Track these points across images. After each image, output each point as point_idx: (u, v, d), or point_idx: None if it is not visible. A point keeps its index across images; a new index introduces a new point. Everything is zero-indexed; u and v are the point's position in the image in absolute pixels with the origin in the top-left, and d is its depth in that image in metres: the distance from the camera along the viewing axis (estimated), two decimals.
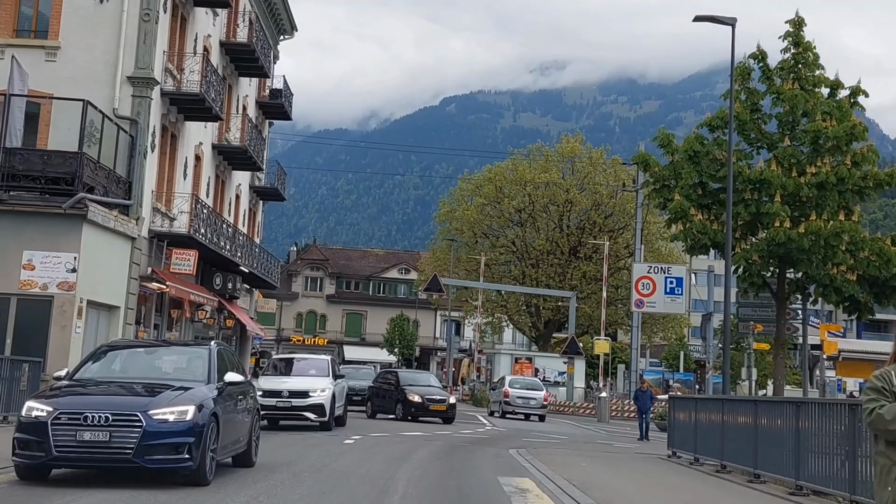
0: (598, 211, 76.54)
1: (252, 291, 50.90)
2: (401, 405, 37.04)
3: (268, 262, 49.34)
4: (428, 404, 36.91)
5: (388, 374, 41.22)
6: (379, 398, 38.79)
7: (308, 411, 27.41)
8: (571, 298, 64.28)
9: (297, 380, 28.52)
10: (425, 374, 43.69)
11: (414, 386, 37.74)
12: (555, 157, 78.62)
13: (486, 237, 79.15)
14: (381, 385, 39.59)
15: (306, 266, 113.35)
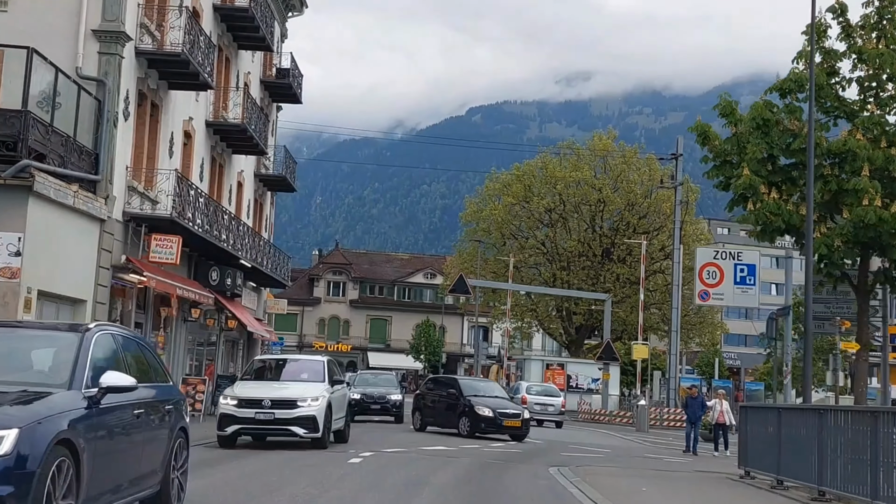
0: (632, 211, 71.05)
1: (260, 291, 45.67)
2: (467, 419, 31.52)
3: (277, 259, 44.12)
4: (501, 419, 31.33)
5: (446, 383, 35.29)
6: (432, 409, 33.70)
7: (295, 425, 21.89)
8: (606, 301, 58.81)
9: (283, 386, 23.15)
10: (489, 382, 37.72)
11: (481, 397, 32.16)
12: (586, 155, 73.13)
13: (514, 238, 73.75)
14: (436, 395, 34.05)
15: (328, 270, 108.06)
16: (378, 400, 38.18)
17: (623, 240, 70.91)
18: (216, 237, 32.33)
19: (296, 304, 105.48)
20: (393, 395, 38.58)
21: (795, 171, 27.63)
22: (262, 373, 24.85)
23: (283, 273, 44.52)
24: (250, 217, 42.70)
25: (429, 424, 33.53)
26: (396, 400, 38.42)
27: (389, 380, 41.47)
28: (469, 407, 31.42)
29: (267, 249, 42.87)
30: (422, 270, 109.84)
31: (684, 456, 31.05)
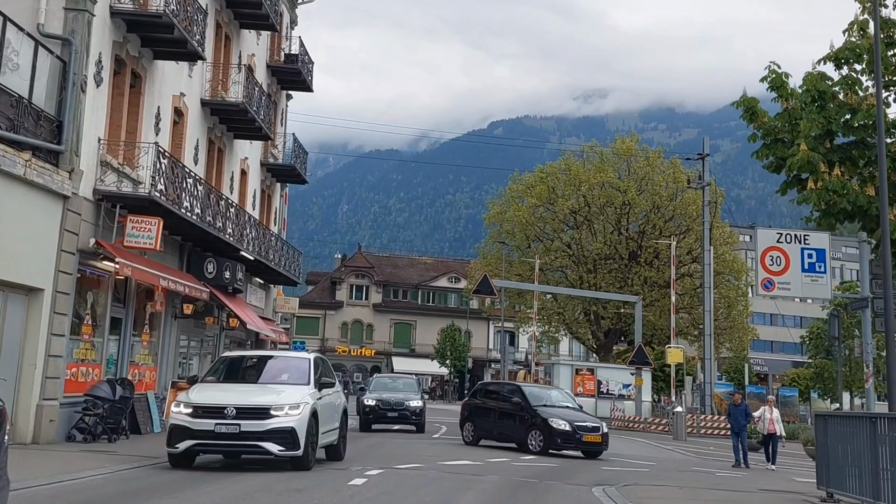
0: (657, 214, 66.82)
1: (269, 288, 41.73)
2: (538, 434, 26.98)
3: (287, 255, 40.17)
4: (580, 434, 26.75)
5: (506, 390, 30.29)
6: (488, 421, 29.20)
7: (268, 440, 16.78)
8: (637, 303, 54.62)
9: (254, 390, 18.03)
10: (556, 390, 32.79)
11: (552, 407, 27.77)
12: (610, 157, 68.98)
13: (539, 240, 69.62)
14: (492, 404, 29.39)
15: (351, 273, 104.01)
16: (395, 406, 33.88)
17: (651, 241, 66.78)
18: (211, 224, 28.35)
19: (318, 307, 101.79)
20: (413, 402, 34.25)
21: (856, 150, 23.38)
22: (233, 373, 19.24)
23: (293, 270, 40.56)
24: (256, 208, 38.76)
25: (483, 437, 29.08)
26: (417, 407, 34.14)
27: (409, 384, 37.06)
28: (541, 419, 26.89)
29: (276, 244, 38.95)
30: (446, 274, 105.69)
31: (736, 470, 27.15)
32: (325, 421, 18.43)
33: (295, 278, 41.24)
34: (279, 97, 41.29)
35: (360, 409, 34.41)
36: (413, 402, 34.32)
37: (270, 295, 42.12)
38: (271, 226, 41.25)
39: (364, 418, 33.96)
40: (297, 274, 41.40)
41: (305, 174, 42.13)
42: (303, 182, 42.98)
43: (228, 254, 31.49)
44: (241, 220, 32.59)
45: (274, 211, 42.29)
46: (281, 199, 43.23)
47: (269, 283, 41.59)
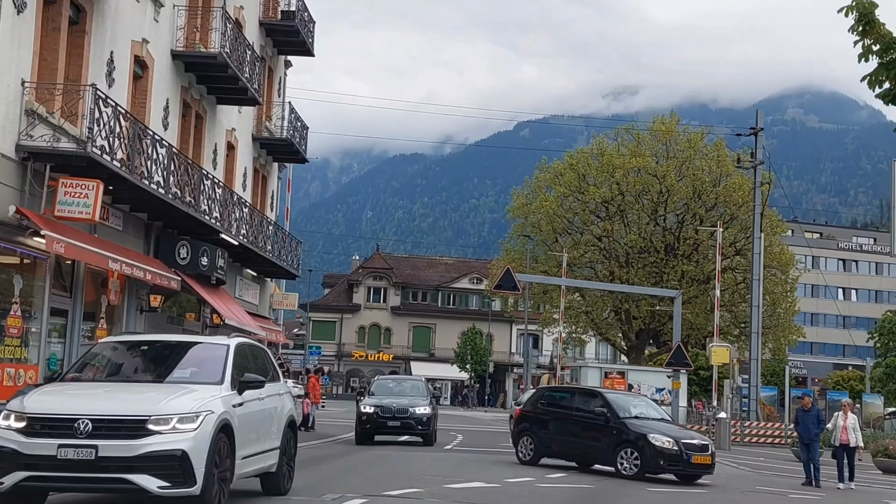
0: (698, 201, 61.79)
1: (264, 282, 37.05)
2: (632, 452, 21.49)
3: (285, 244, 35.49)
4: (688, 454, 21.25)
5: (583, 396, 24.53)
6: (556, 435, 23.66)
7: (141, 471, 10.75)
8: (676, 298, 49.59)
9: (129, 393, 11.88)
10: (640, 398, 26.96)
11: (645, 420, 22.48)
12: (647, 140, 63.98)
13: (567, 233, 64.73)
14: (563, 413, 23.83)
15: (368, 275, 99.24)
16: (397, 414, 28.33)
17: (690, 232, 61.81)
18: (182, 200, 23.68)
19: (334, 311, 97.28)
20: (419, 408, 28.69)
21: None
22: (113, 368, 12.95)
23: (292, 261, 35.87)
24: (247, 189, 34.10)
25: (548, 454, 23.82)
26: (423, 414, 28.59)
27: (416, 387, 31.02)
28: (636, 434, 21.61)
29: (271, 231, 34.31)
30: (467, 275, 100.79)
31: (808, 489, 22.60)
32: (249, 439, 12.68)
33: (294, 270, 36.56)
34: (276, 63, 36.59)
35: (357, 417, 29.22)
36: (419, 409, 28.76)
37: (266, 289, 37.45)
38: (266, 210, 36.59)
39: (361, 428, 28.72)
40: (296, 266, 36.71)
41: (305, 151, 37.38)
42: (303, 161, 38.25)
43: (207, 238, 26.83)
44: (226, 200, 27.93)
45: (270, 194, 37.62)
46: (280, 182, 38.54)
47: (265, 277, 36.93)
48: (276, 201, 38.59)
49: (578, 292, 64.96)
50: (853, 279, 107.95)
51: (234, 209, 28.93)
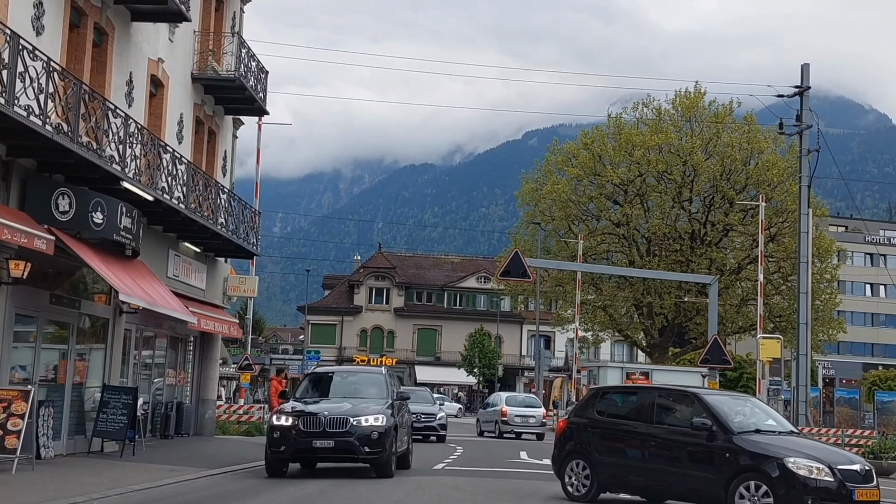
0: (727, 182, 53.66)
1: (215, 263, 29.05)
2: (761, 487, 13.37)
3: (238, 216, 27.49)
4: (848, 489, 13.17)
5: (668, 400, 15.80)
6: (628, 457, 15.42)
7: None
8: (712, 286, 41.54)
9: None
10: (748, 400, 16.35)
11: (768, 435, 14.36)
12: (670, 116, 55.80)
13: (580, 220, 56.64)
14: (639, 426, 15.38)
15: (370, 275, 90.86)
16: (328, 429, 17.91)
17: (719, 216, 53.70)
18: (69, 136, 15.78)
19: (334, 313, 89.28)
20: (365, 418, 17.93)
21: None
22: None
23: (245, 236, 27.83)
24: (186, 142, 26.09)
25: (615, 488, 15.85)
26: (372, 429, 17.94)
27: (372, 380, 20.32)
28: (766, 459, 13.52)
29: (224, 201, 26.42)
30: (474, 274, 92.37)
31: None
32: None
33: (251, 248, 28.52)
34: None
35: (267, 434, 19.37)
36: (367, 420, 18.19)
37: (217, 272, 29.43)
38: (216, 174, 28.58)
39: (272, 453, 18.45)
40: (253, 243, 28.67)
41: (265, 100, 29.30)
42: (261, 112, 30.04)
43: (106, 188, 18.90)
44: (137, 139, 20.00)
45: (222, 155, 29.59)
46: (234, 141, 30.52)
47: (216, 256, 28.95)
48: (231, 165, 30.58)
49: (594, 286, 56.90)
50: (881, 274, 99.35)
51: (159, 160, 21.03)
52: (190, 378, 29.01)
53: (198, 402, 29.22)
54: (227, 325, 28.55)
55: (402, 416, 20.05)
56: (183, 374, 28.71)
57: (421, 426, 31.51)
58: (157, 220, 23.43)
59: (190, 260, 26.52)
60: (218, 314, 28.16)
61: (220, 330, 27.77)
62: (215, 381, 29.96)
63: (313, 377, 20.67)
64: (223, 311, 29.39)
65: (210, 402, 29.70)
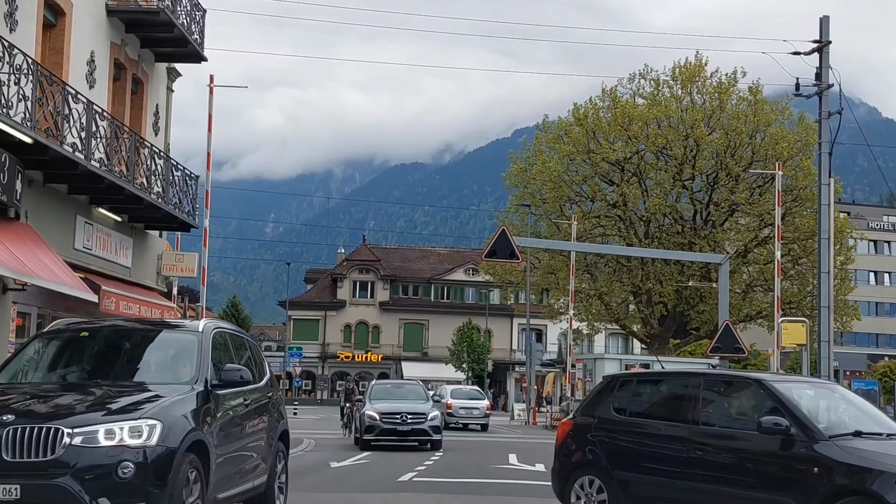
0: (732, 157, 48.90)
1: (145, 236, 24.13)
2: None
3: (172, 181, 22.64)
4: None
5: (717, 389, 10.76)
6: (670, 476, 10.07)
7: None
8: (722, 265, 36.81)
9: None
10: (837, 389, 11.09)
11: (872, 440, 9.17)
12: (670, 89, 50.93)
13: (574, 202, 51.84)
14: (675, 427, 10.25)
15: (354, 268, 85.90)
16: None
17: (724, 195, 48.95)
18: None
19: (317, 308, 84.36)
20: None
21: None
22: None
23: (178, 202, 22.95)
24: (103, 92, 21.25)
25: None
26: None
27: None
28: (875, 477, 8.49)
29: (160, 166, 21.62)
30: (462, 266, 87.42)
31: None
32: None
33: (187, 219, 23.64)
34: None
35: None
36: None
37: (149, 247, 24.51)
38: (145, 132, 23.68)
39: None
40: (189, 212, 23.79)
41: (202, 45, 24.40)
42: (198, 58, 25.03)
43: None
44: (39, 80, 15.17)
45: (153, 110, 24.68)
46: (170, 95, 25.62)
47: (147, 229, 24.07)
48: (167, 123, 25.70)
49: (589, 273, 52.11)
50: (885, 261, 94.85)
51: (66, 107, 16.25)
52: None
53: None
54: (161, 309, 23.66)
55: None
56: None
57: (406, 430, 25.01)
58: (58, 178, 18.63)
59: (108, 230, 21.64)
60: (149, 297, 23.30)
61: (149, 315, 22.86)
62: None
63: None
64: (156, 294, 24.49)
65: None
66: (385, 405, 25.37)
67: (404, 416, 24.93)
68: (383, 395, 26.82)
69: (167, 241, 25.95)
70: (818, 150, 36.16)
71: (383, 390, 28.11)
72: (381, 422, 24.77)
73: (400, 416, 24.86)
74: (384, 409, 25.02)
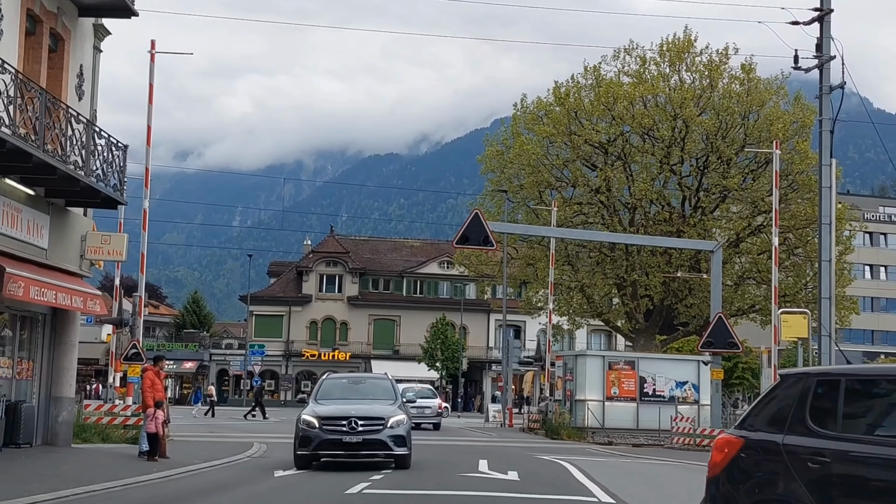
0: (723, 139, 47.18)
1: (65, 213, 21.99)
2: None
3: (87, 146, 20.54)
4: None
5: None
6: None
7: None
8: (715, 253, 35.02)
9: None
10: None
11: None
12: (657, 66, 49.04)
13: (554, 188, 49.98)
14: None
15: (321, 261, 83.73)
16: None
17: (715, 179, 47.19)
18: None
19: (281, 303, 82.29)
20: None
21: None
22: None
23: (101, 175, 20.85)
24: (12, 47, 19.14)
25: None
26: None
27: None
28: None
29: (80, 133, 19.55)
30: (436, 259, 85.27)
31: None
32: None
33: (113, 193, 21.50)
34: None
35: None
36: None
37: (71, 227, 22.36)
38: (66, 95, 21.54)
39: None
40: (116, 186, 21.67)
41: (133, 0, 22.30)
42: (128, 12, 22.81)
43: None
44: None
45: (77, 71, 22.52)
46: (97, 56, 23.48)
47: (68, 206, 21.95)
48: (93, 87, 23.54)
49: (570, 265, 50.25)
50: (882, 255, 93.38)
51: None
52: (38, 370, 22.13)
53: (48, 400, 22.31)
54: (83, 297, 21.56)
55: None
56: (28, 365, 21.86)
57: (355, 441, 19.17)
58: None
59: (18, 205, 19.53)
60: (68, 282, 21.20)
61: (68, 303, 20.79)
62: (72, 372, 22.98)
63: None
64: (79, 280, 22.37)
65: (65, 400, 22.74)
66: (330, 407, 19.71)
67: (353, 421, 19.01)
68: (335, 394, 20.93)
69: (93, 220, 23.81)
70: (818, 129, 34.50)
71: (337, 387, 21.76)
72: (322, 429, 19.01)
73: (347, 421, 19.02)
74: (326, 413, 19.33)
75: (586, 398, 40.29)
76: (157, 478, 17.40)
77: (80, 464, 19.15)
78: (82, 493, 14.57)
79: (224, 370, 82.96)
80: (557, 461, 23.67)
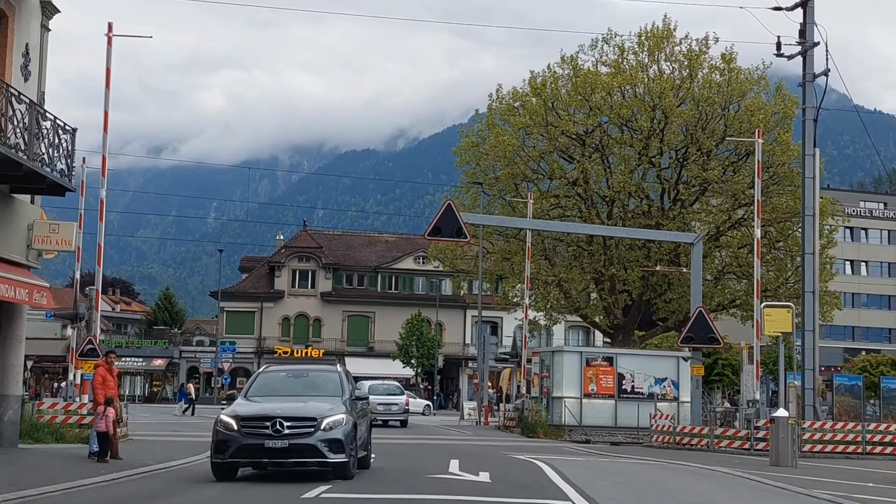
0: (704, 130, 46.41)
1: (12, 200, 20.86)
2: None
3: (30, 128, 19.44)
4: None
5: None
6: None
7: None
8: (696, 245, 34.21)
9: None
10: None
11: None
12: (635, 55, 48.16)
13: (529, 180, 49.08)
14: None
15: (293, 256, 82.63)
16: None
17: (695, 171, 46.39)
18: None
19: (253, 299, 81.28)
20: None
21: None
22: None
23: (46, 159, 19.74)
24: None
25: None
26: None
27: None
28: None
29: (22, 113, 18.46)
30: (411, 254, 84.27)
31: None
32: None
33: (59, 179, 20.36)
34: None
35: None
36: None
37: (16, 214, 21.22)
38: (9, 74, 20.41)
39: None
40: (64, 171, 20.55)
41: None
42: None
43: None
44: None
45: (22, 50, 21.37)
46: (44, 34, 22.34)
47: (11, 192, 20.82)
48: (41, 67, 22.39)
49: (546, 259, 49.39)
50: (863, 250, 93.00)
51: None
52: None
53: None
54: (28, 289, 20.44)
55: None
56: None
57: (280, 446, 15.95)
58: None
59: None
60: (12, 273, 20.08)
61: (11, 295, 19.67)
62: (19, 368, 21.85)
63: None
64: (25, 271, 21.23)
65: (11, 398, 21.60)
66: (253, 406, 16.74)
67: (278, 422, 15.91)
68: (268, 390, 17.62)
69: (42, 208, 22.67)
70: (801, 117, 33.78)
71: (273, 381, 18.20)
72: (241, 432, 15.98)
73: (271, 423, 15.93)
74: (247, 413, 16.36)
75: (563, 395, 39.43)
76: (101, 481, 16.30)
77: (16, 466, 18.06)
78: None
79: (194, 367, 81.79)
80: (532, 461, 22.74)
